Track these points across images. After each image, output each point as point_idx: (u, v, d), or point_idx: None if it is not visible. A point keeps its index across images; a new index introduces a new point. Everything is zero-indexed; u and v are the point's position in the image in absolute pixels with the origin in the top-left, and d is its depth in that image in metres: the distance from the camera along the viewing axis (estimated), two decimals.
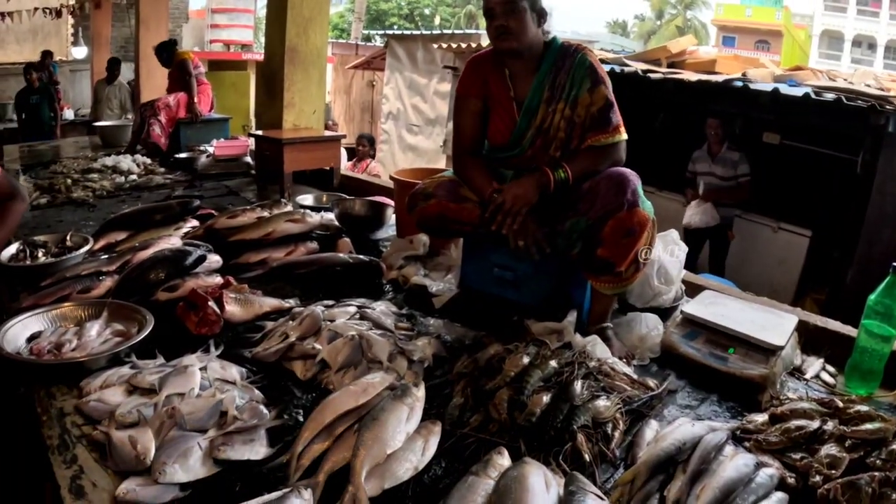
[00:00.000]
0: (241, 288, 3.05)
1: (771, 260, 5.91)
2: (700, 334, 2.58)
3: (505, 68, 2.73)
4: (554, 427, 1.95)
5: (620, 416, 2.05)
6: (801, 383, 2.50)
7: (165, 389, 2.15)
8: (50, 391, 2.27)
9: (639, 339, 2.70)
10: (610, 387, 2.18)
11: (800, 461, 1.83)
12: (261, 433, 2.06)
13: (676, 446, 1.82)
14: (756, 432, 1.99)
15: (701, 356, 2.49)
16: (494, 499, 1.61)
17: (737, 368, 2.38)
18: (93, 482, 1.83)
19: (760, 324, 2.54)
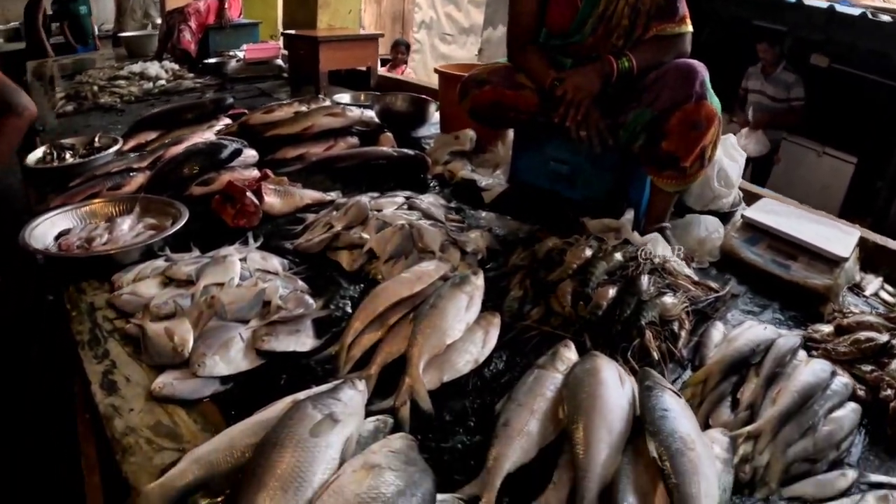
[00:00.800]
0: (280, 180, 2.80)
1: (814, 184, 5.65)
2: (762, 240, 2.43)
3: None
4: (620, 322, 1.82)
5: (686, 316, 1.92)
6: (860, 299, 2.34)
7: (203, 279, 1.93)
8: (80, 287, 2.06)
9: (697, 241, 2.53)
10: (674, 286, 2.03)
11: (870, 374, 1.74)
12: (307, 324, 1.84)
13: (750, 347, 1.72)
14: (822, 342, 1.90)
15: (763, 262, 2.35)
16: (566, 392, 1.46)
17: (800, 277, 2.24)
18: (126, 377, 1.63)
19: (824, 234, 2.40)
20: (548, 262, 2.14)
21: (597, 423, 1.35)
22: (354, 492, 1.14)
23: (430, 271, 2.01)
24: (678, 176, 2.40)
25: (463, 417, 1.59)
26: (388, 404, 1.55)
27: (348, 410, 1.37)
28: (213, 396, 1.59)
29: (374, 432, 1.43)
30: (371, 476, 1.19)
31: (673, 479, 1.21)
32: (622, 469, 1.28)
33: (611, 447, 1.31)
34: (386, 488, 1.16)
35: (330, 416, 1.31)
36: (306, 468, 1.19)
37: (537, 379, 1.55)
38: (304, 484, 1.17)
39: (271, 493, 1.13)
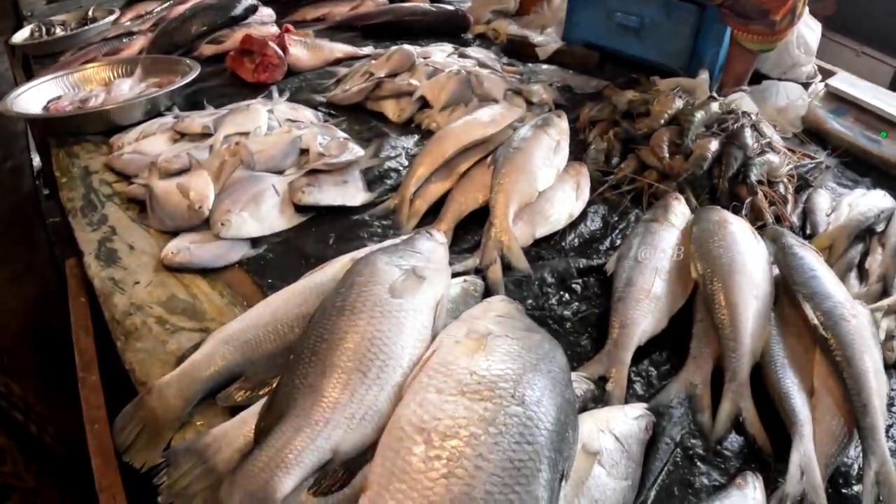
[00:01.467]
0: (305, 33, 2.32)
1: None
2: (848, 112, 2.14)
3: None
4: (728, 178, 1.54)
5: (789, 179, 1.66)
6: None
7: (223, 129, 1.50)
8: (71, 151, 1.63)
9: (777, 110, 2.20)
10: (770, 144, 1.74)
11: None
12: (355, 174, 1.43)
13: (875, 213, 1.48)
14: None
15: (852, 135, 2.06)
16: (696, 248, 1.18)
17: (891, 153, 1.96)
18: (129, 244, 1.23)
19: None
20: (630, 113, 1.81)
21: (740, 283, 1.09)
22: (467, 368, 0.74)
23: (502, 112, 1.59)
24: (766, 32, 2.06)
25: (564, 280, 1.23)
26: (472, 264, 1.19)
27: (432, 265, 0.96)
28: (242, 262, 1.18)
29: (464, 297, 1.05)
30: (485, 348, 0.78)
31: (839, 351, 1.00)
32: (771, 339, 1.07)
33: (759, 312, 1.07)
34: (512, 361, 0.76)
35: (412, 272, 0.89)
36: (390, 340, 0.80)
37: (652, 233, 1.27)
38: (390, 361, 0.78)
39: (344, 378, 0.74)
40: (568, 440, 0.74)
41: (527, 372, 0.75)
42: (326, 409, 0.72)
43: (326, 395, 0.73)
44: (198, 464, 0.76)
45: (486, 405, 0.70)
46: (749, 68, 2.22)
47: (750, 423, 0.98)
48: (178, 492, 0.75)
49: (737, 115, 1.74)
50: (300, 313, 0.91)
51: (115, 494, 0.91)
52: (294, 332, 0.89)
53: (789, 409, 0.97)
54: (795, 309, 1.11)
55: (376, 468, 0.67)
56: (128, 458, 0.83)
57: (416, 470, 0.64)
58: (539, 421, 0.71)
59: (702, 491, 0.91)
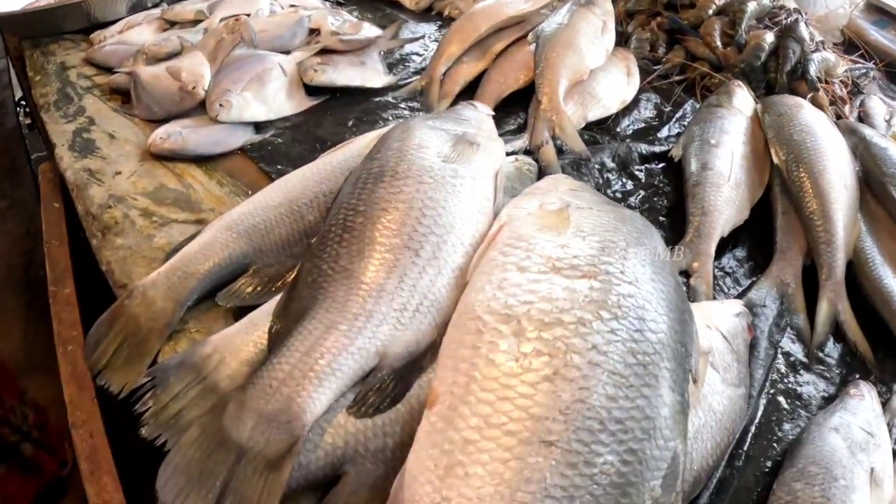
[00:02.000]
0: None
1: None
2: (890, 24, 2.02)
3: None
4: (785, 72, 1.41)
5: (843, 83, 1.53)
6: None
7: (219, 12, 1.27)
8: (47, 49, 1.40)
9: (817, 19, 2.00)
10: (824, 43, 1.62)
11: None
12: (373, 55, 1.21)
13: None
14: None
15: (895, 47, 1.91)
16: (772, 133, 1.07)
17: None
18: (109, 133, 1.01)
19: None
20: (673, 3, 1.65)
21: (829, 170, 0.97)
22: (555, 241, 0.54)
23: None
24: None
25: (626, 165, 1.07)
26: (521, 144, 1.01)
27: (484, 133, 0.74)
28: (244, 149, 0.97)
29: (518, 176, 0.86)
30: (569, 220, 0.56)
31: None
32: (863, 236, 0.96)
33: (849, 205, 0.96)
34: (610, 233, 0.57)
35: (464, 138, 0.68)
36: (447, 211, 0.59)
37: (720, 118, 1.11)
38: (449, 237, 0.58)
39: (390, 258, 0.55)
40: (689, 331, 0.54)
41: (630, 245, 0.56)
42: (368, 298, 0.52)
43: (367, 282, 0.52)
44: (194, 382, 0.56)
45: (591, 283, 0.49)
46: None
47: (849, 327, 0.86)
48: (168, 420, 0.54)
49: (788, 10, 1.59)
50: (321, 191, 0.71)
51: (93, 431, 0.70)
52: (314, 213, 0.69)
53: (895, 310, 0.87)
54: (883, 205, 1.01)
55: (446, 374, 0.47)
56: (103, 381, 0.62)
57: (507, 372, 0.45)
58: (659, 304, 0.52)
59: (811, 402, 0.79)
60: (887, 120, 1.47)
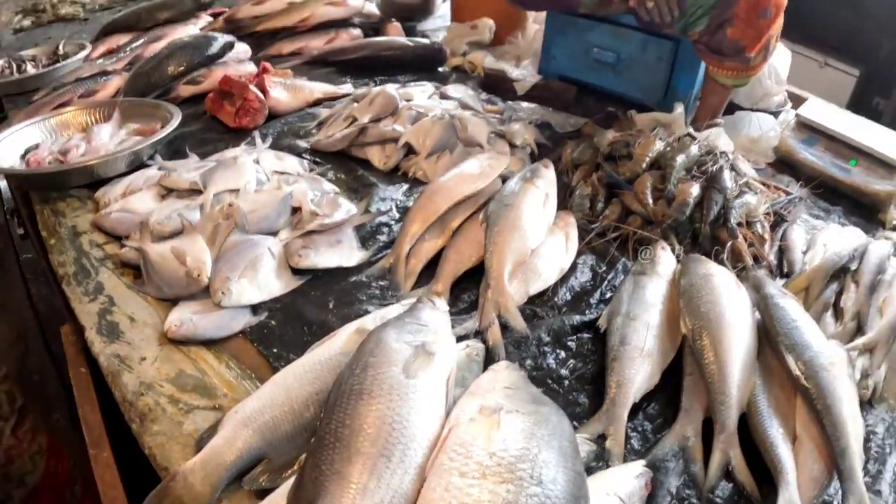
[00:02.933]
0: (284, 73, 2.38)
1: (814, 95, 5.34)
2: (819, 141, 2.27)
3: None
4: (709, 222, 1.64)
5: (766, 217, 1.76)
6: None
7: (212, 186, 1.55)
8: (56, 209, 1.67)
9: (750, 141, 2.33)
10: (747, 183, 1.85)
11: None
12: (348, 232, 1.49)
13: (849, 252, 1.60)
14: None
15: (822, 165, 2.19)
16: (683, 303, 1.28)
17: (861, 181, 2.10)
18: (129, 315, 1.27)
19: (879, 137, 2.24)
20: (612, 156, 1.91)
21: (727, 336, 1.19)
22: (486, 450, 0.81)
23: (492, 164, 1.67)
24: (741, 68, 2.14)
25: (559, 338, 1.31)
26: (472, 326, 1.26)
27: (440, 338, 1.03)
28: (245, 331, 1.23)
29: (467, 362, 1.12)
30: (499, 426, 0.85)
31: (820, 400, 1.10)
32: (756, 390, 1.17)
33: (745, 365, 1.17)
34: (527, 441, 0.84)
35: (422, 349, 0.96)
36: (409, 422, 0.86)
37: (641, 287, 1.35)
38: (412, 444, 0.84)
39: (370, 464, 0.80)
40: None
41: (542, 450, 0.82)
42: (357, 496, 0.77)
43: (355, 482, 0.78)
44: None
45: (507, 487, 0.76)
46: (723, 101, 2.31)
47: (739, 471, 1.06)
48: None
49: (715, 156, 1.83)
50: (314, 391, 0.97)
51: None
52: (310, 410, 0.95)
53: (775, 457, 1.06)
54: (777, 357, 1.21)
55: None
56: None
57: None
58: (557, 499, 0.78)
59: None
60: (804, 251, 1.69)
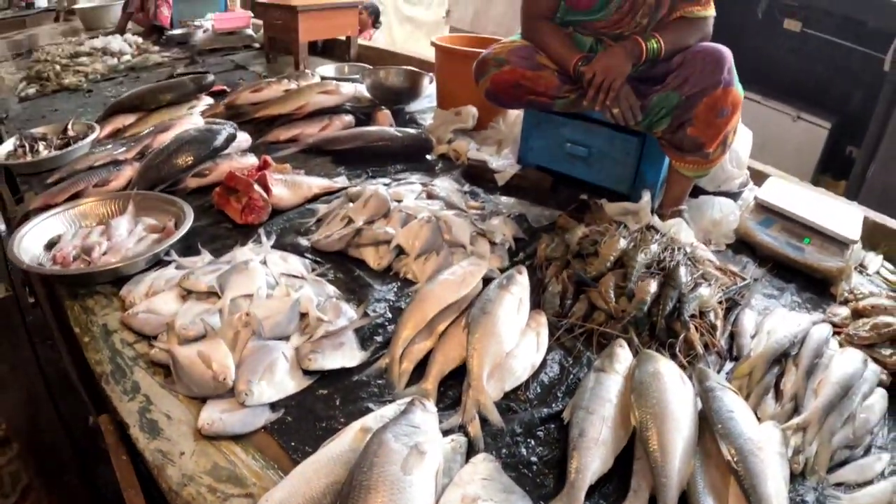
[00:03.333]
0: (283, 168, 2.68)
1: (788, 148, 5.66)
2: (775, 222, 2.52)
3: None
4: (665, 317, 1.87)
5: (720, 305, 1.98)
6: (864, 278, 2.46)
7: (228, 292, 1.82)
8: (85, 305, 1.93)
9: (712, 223, 2.58)
10: (705, 275, 2.07)
11: (889, 358, 1.86)
12: (349, 335, 1.76)
13: (789, 339, 1.81)
14: (842, 326, 2.03)
15: (778, 245, 2.44)
16: (634, 398, 1.50)
17: (814, 260, 2.35)
18: (166, 414, 1.52)
19: (833, 215, 2.50)
20: (581, 253, 2.16)
21: (670, 428, 1.41)
22: None
23: (472, 271, 1.94)
24: (701, 161, 2.41)
25: (530, 429, 1.56)
26: (456, 421, 1.51)
27: (430, 438, 1.31)
28: (266, 427, 1.50)
29: (452, 454, 1.38)
30: None
31: (748, 480, 1.33)
32: (695, 471, 1.38)
33: (685, 451, 1.38)
34: None
35: (416, 449, 1.24)
36: None
37: (600, 383, 1.58)
38: None
39: None
40: None
41: None
42: None
43: None
44: None
45: None
46: (686, 190, 2.57)
47: None
48: None
49: (674, 251, 2.07)
50: (329, 482, 1.22)
51: None
52: (327, 499, 1.20)
53: None
54: (715, 442, 1.42)
55: None
56: None
57: None
58: None
59: None
60: (753, 335, 1.90)
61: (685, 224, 2.35)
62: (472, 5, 9.47)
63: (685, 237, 2.25)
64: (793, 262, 2.37)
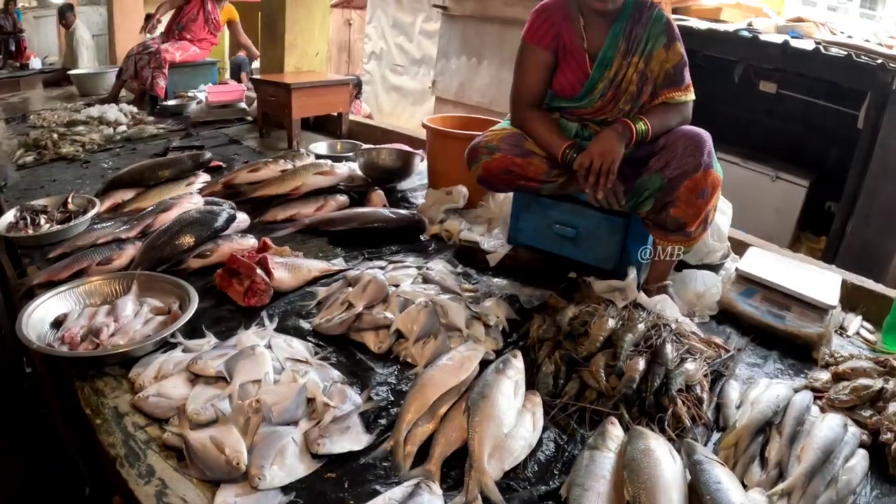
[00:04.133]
0: (283, 251, 2.79)
1: (768, 208, 5.87)
2: (756, 292, 2.62)
3: (580, 18, 2.60)
4: (653, 393, 1.95)
5: (705, 378, 2.07)
6: (844, 340, 2.58)
7: (237, 377, 1.91)
8: (95, 387, 2.00)
9: (696, 296, 2.69)
10: (690, 349, 2.16)
11: (870, 419, 1.94)
12: (355, 419, 1.85)
13: (772, 409, 1.89)
14: (823, 390, 2.11)
15: (760, 314, 2.54)
16: (627, 474, 1.57)
17: (794, 327, 2.44)
18: (181, 497, 1.59)
19: (811, 282, 2.60)
20: (572, 334, 2.25)
21: (662, 501, 1.49)
22: None
23: (470, 356, 2.04)
24: (683, 240, 2.53)
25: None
26: (460, 501, 1.60)
27: None
28: None
29: None
30: None
31: None
32: None
33: None
34: None
35: None
36: None
37: (594, 460, 1.66)
38: None
39: None
40: None
41: None
42: None
43: None
44: None
45: None
46: (671, 267, 2.69)
47: None
48: None
49: (660, 329, 2.16)
50: None
51: None
52: None
53: None
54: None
55: None
56: None
57: None
58: None
59: None
60: (738, 406, 1.98)
61: (670, 300, 2.45)
62: (457, 76, 9.76)
63: (670, 313, 2.34)
64: (775, 330, 2.47)
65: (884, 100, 4.88)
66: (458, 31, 9.55)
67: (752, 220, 5.77)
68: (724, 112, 6.16)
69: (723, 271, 2.97)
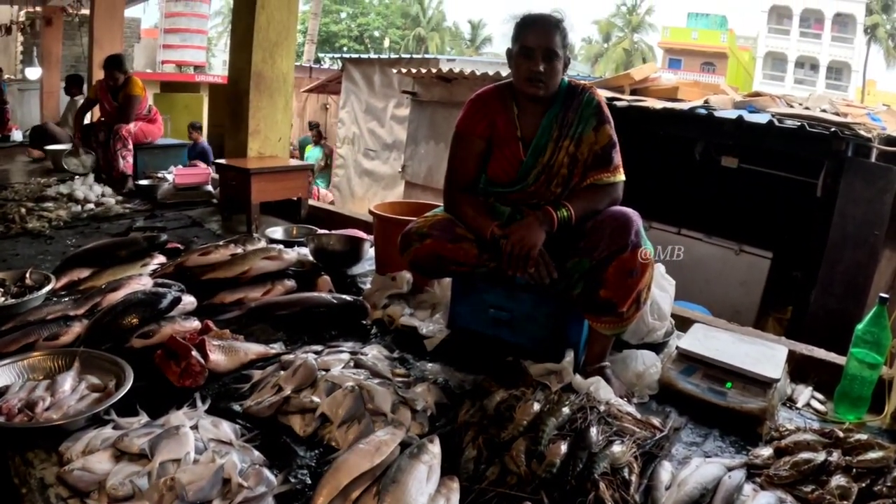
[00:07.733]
0: (222, 333, 2.89)
1: (733, 282, 5.99)
2: (697, 369, 2.60)
3: (514, 107, 2.71)
4: (574, 477, 1.93)
5: (635, 460, 2.03)
6: (793, 412, 2.58)
7: (158, 455, 1.98)
8: (26, 458, 2.07)
9: (636, 376, 2.69)
10: (620, 430, 2.16)
11: (811, 493, 1.90)
12: (269, 501, 1.92)
13: (700, 491, 1.86)
14: (764, 467, 2.06)
15: (700, 392, 2.52)
16: None
17: (736, 403, 2.42)
18: None
19: (754, 356, 2.59)
20: (498, 418, 2.26)
21: None
22: None
23: (387, 440, 2.12)
24: (616, 321, 2.56)
25: None
26: None
27: None
28: None
29: None
30: None
31: None
32: None
33: None
34: None
35: None
36: None
37: None
38: None
39: None
40: None
41: None
42: None
43: None
44: None
45: None
46: (607, 347, 2.73)
47: None
48: None
49: (586, 412, 2.16)
50: None
51: None
52: None
53: None
54: None
55: None
56: None
57: None
58: None
59: None
60: (667, 487, 1.94)
61: (604, 381, 2.44)
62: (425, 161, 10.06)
63: (604, 394, 2.35)
64: (714, 407, 2.45)
65: (839, 168, 5.04)
66: (427, 116, 9.87)
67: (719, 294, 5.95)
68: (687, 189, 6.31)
69: (666, 349, 2.98)
